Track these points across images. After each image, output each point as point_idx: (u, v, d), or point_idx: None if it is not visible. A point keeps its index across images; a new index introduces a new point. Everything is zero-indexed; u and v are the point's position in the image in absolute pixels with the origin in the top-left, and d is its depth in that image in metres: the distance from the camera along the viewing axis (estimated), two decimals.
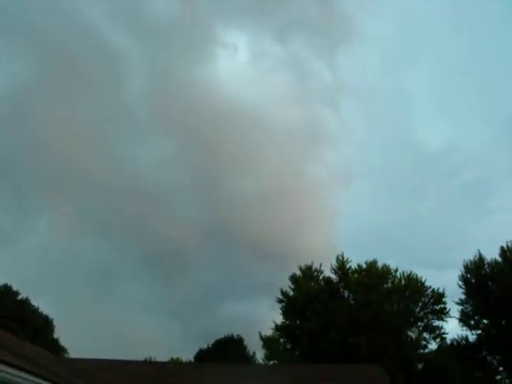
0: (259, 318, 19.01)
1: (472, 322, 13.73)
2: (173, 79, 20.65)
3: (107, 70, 20.48)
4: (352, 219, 20.43)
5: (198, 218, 19.76)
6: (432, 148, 23.58)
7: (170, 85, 20.57)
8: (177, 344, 19.89)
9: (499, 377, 13.62)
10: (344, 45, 24.04)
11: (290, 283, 14.21)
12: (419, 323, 13.61)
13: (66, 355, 14.23)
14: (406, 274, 13.59)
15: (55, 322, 15.95)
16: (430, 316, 13.65)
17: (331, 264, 13.76)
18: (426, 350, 13.63)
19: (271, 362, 15.14)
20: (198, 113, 20.30)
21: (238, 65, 23.30)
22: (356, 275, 13.47)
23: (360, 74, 24.49)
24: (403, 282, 13.43)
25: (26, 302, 15.30)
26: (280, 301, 14.10)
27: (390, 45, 27.39)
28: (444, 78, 25.78)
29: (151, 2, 20.83)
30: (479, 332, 13.57)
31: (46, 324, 15.75)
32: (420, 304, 13.60)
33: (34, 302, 15.45)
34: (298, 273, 14.28)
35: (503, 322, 13.20)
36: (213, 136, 20.29)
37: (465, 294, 13.73)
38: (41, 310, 15.74)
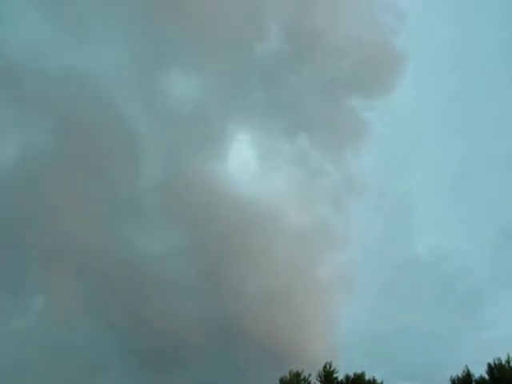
0: None
1: None
2: (186, 170, 21.44)
3: (124, 150, 21.23)
4: (350, 323, 20.65)
5: (201, 313, 19.65)
6: (426, 257, 24.10)
7: (182, 175, 21.32)
8: None
9: None
10: (352, 143, 24.96)
11: None
12: None
13: None
14: None
15: None
16: None
17: (318, 371, 13.85)
18: None
19: None
20: (209, 206, 20.94)
21: (249, 161, 24.26)
22: None
23: (365, 174, 25.22)
24: None
25: None
26: None
27: (393, 147, 28.42)
28: (439, 185, 26.62)
29: (174, 92, 22.04)
30: None
31: None
32: None
33: None
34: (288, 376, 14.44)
35: None
36: (222, 230, 20.86)
37: None
38: None
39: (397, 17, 26.74)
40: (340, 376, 14.03)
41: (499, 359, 13.62)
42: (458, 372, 13.79)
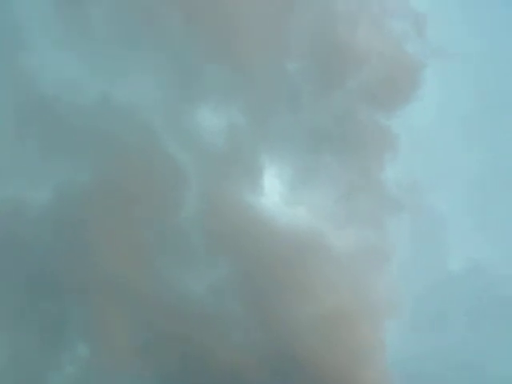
0: None
1: None
2: (224, 203, 20.97)
3: (165, 184, 20.55)
4: (393, 344, 20.85)
5: (252, 346, 19.40)
6: (458, 270, 24.42)
7: (221, 208, 20.86)
8: None
9: None
10: (378, 157, 24.90)
11: None
12: None
13: None
14: None
15: None
16: None
17: None
18: None
19: None
20: (250, 237, 20.60)
21: (282, 189, 23.76)
22: None
23: (398, 189, 25.23)
24: None
25: None
26: None
27: (418, 157, 28.55)
28: (467, 196, 26.87)
29: (211, 128, 21.45)
30: None
31: None
32: None
33: None
34: None
35: None
36: (266, 260, 20.51)
37: None
38: None
39: (413, 23, 26.65)
40: None
41: None
42: None
